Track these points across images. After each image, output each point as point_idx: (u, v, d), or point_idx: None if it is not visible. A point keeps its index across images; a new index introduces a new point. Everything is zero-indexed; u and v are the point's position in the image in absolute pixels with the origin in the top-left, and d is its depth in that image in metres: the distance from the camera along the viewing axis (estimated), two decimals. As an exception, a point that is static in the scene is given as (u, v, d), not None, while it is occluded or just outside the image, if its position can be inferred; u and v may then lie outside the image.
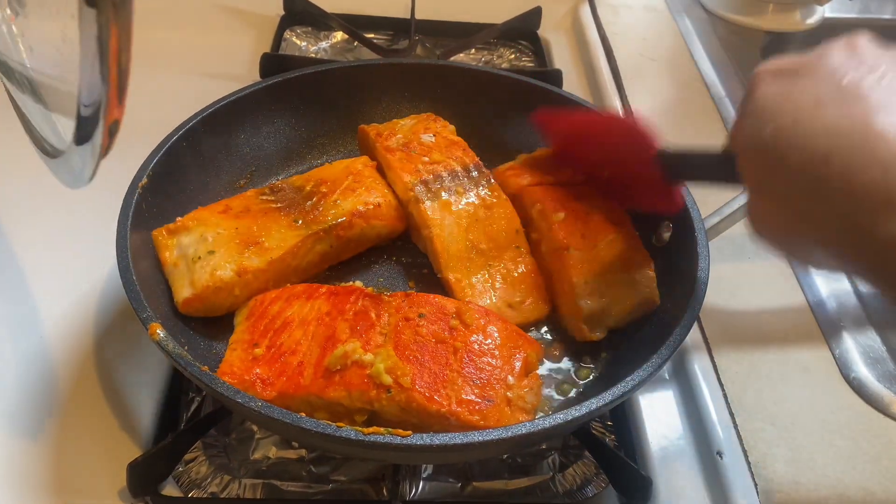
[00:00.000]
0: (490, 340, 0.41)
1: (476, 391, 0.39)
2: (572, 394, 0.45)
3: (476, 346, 0.41)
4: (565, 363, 0.47)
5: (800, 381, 0.49)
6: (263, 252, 0.46)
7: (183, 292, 0.45)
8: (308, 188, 0.51)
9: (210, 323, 0.46)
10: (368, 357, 0.39)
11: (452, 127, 0.57)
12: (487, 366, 0.40)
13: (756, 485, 0.43)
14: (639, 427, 0.47)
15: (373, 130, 0.56)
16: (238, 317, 0.45)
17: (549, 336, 0.48)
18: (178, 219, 0.48)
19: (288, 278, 0.48)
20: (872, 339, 0.52)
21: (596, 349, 0.48)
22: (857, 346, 0.51)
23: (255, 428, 0.46)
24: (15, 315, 0.50)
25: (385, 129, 0.56)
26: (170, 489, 0.42)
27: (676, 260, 0.47)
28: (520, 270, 0.48)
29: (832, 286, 0.56)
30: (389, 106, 0.62)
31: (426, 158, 0.53)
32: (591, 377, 0.46)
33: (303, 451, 0.45)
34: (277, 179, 0.57)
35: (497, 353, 0.41)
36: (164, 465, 0.42)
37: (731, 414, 0.46)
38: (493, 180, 0.52)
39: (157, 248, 0.46)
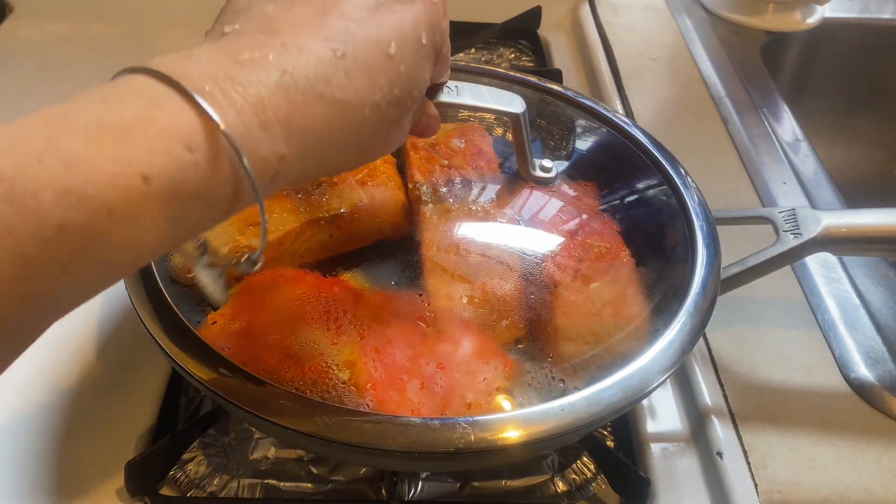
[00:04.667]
0: (459, 352, 0.41)
1: (432, 402, 0.38)
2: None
3: (443, 356, 0.40)
4: (539, 384, 0.44)
5: (800, 381, 0.49)
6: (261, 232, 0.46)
7: (177, 259, 0.44)
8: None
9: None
10: (331, 348, 0.39)
11: (490, 139, 0.55)
12: (451, 378, 0.39)
13: (756, 485, 0.43)
14: (638, 427, 0.47)
15: None
16: (230, 292, 0.45)
17: (524, 356, 0.44)
18: None
19: (284, 261, 0.48)
20: (872, 339, 0.52)
21: (575, 371, 0.46)
22: (857, 346, 0.51)
23: (253, 428, 0.46)
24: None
25: None
26: (168, 489, 0.42)
27: (680, 274, 0.46)
28: (504, 289, 0.46)
29: (832, 286, 0.55)
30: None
31: (446, 162, 0.52)
32: (570, 399, 0.43)
33: (302, 452, 0.45)
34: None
35: (464, 366, 0.40)
36: (162, 464, 0.42)
37: (731, 414, 0.46)
38: None
39: None
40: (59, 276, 0.21)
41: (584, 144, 0.56)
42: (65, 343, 0.48)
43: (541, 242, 0.46)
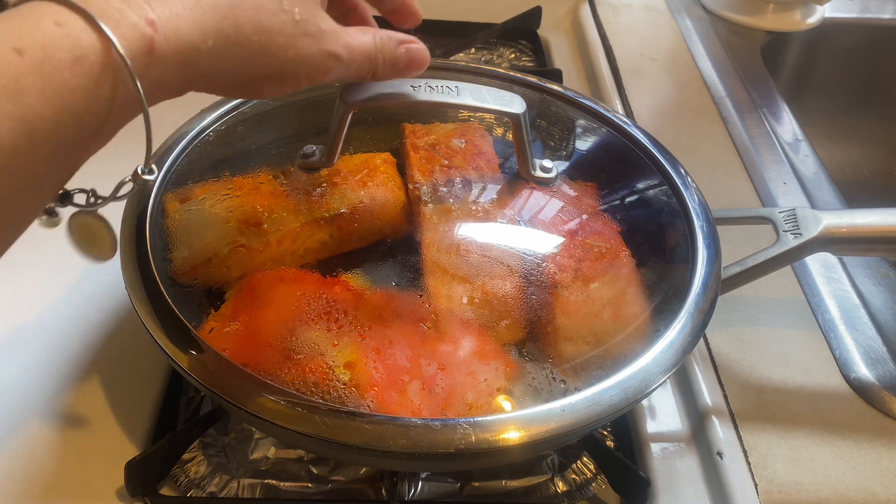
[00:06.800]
0: (460, 353, 0.41)
1: (433, 403, 0.38)
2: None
3: (444, 357, 0.40)
4: (539, 384, 0.44)
5: (800, 381, 0.49)
6: (261, 233, 0.46)
7: (178, 260, 0.44)
8: (322, 176, 0.51)
9: (205, 294, 0.45)
10: (331, 349, 0.39)
11: (490, 139, 0.55)
12: (452, 378, 0.39)
13: (756, 485, 0.43)
14: (638, 427, 0.47)
15: (410, 128, 0.55)
16: (229, 292, 0.45)
17: (524, 357, 0.44)
18: (191, 185, 0.47)
19: (284, 261, 0.47)
20: (872, 339, 0.52)
21: (576, 372, 0.45)
22: (857, 346, 0.51)
23: (253, 428, 0.46)
24: (13, 314, 0.50)
25: (423, 129, 0.55)
26: (168, 489, 0.42)
27: (680, 275, 0.46)
28: (505, 290, 0.46)
29: (832, 286, 0.56)
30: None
31: (446, 162, 0.52)
32: (570, 399, 0.43)
33: (302, 452, 0.45)
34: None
35: (464, 367, 0.40)
36: (162, 464, 0.42)
37: (731, 414, 0.46)
38: None
39: (165, 212, 0.46)
40: None
41: (584, 145, 0.56)
42: (65, 343, 0.48)
43: (541, 243, 0.46)
